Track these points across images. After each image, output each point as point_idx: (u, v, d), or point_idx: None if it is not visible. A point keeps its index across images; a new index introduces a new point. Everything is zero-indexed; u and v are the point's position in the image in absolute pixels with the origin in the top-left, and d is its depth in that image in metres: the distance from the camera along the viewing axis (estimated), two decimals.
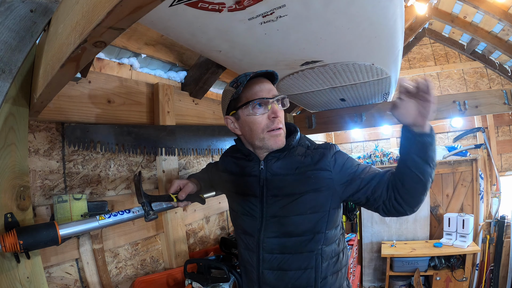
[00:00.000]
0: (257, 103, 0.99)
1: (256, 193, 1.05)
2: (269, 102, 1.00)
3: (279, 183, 1.02)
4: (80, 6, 0.56)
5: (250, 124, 1.02)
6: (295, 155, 1.04)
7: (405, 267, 3.23)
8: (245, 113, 1.01)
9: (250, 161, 1.09)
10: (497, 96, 2.21)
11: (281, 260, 1.02)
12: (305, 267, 1.01)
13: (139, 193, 1.01)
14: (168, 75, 1.73)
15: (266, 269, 1.04)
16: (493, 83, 3.95)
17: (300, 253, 1.01)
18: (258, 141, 1.03)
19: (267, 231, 1.03)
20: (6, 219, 0.82)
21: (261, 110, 1.00)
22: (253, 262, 1.08)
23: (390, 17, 1.12)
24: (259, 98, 0.99)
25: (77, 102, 1.22)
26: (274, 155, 1.04)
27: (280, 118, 1.01)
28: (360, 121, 2.49)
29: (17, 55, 0.83)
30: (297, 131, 1.09)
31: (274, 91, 1.03)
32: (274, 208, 1.02)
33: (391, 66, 1.61)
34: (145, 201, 1.00)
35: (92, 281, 1.20)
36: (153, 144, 1.46)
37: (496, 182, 3.60)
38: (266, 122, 1.00)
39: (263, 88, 1.01)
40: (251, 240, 1.07)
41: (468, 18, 3.25)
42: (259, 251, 1.04)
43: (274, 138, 1.01)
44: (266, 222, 1.03)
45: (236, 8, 0.94)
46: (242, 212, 1.09)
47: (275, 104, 1.00)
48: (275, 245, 1.02)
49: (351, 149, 4.51)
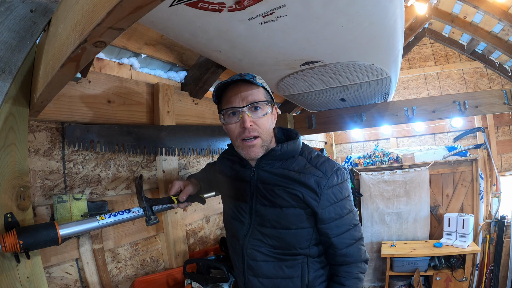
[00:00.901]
0: (229, 112, 0.98)
1: (246, 199, 1.04)
2: (238, 111, 0.96)
3: (267, 193, 0.99)
4: (80, 6, 0.56)
5: (228, 131, 1.01)
6: (290, 168, 0.99)
7: (405, 267, 3.23)
8: (223, 121, 1.01)
9: (244, 166, 1.06)
10: (497, 96, 2.21)
11: (266, 268, 1.00)
12: (291, 276, 0.99)
13: (140, 197, 1.00)
14: (168, 75, 1.73)
15: (251, 276, 1.03)
16: (493, 83, 3.95)
17: (285, 261, 0.99)
18: (236, 148, 1.02)
19: (252, 238, 1.02)
20: (6, 219, 0.82)
21: (234, 119, 0.97)
22: (239, 267, 1.07)
23: (390, 17, 1.12)
24: (228, 108, 0.97)
25: (77, 102, 1.22)
26: (266, 161, 1.01)
27: (252, 127, 0.95)
28: (360, 121, 2.49)
29: (17, 55, 0.83)
30: (297, 139, 1.04)
31: (250, 97, 0.96)
32: (261, 217, 1.00)
33: (391, 66, 1.60)
34: (146, 206, 1.00)
35: (92, 281, 1.20)
36: (153, 144, 1.46)
37: (496, 182, 3.60)
38: (239, 131, 0.97)
39: (237, 96, 0.96)
40: (237, 245, 1.06)
41: (468, 18, 3.25)
42: (244, 257, 1.03)
43: (246, 148, 0.98)
44: (253, 229, 1.02)
45: (236, 8, 0.94)
46: (232, 216, 1.09)
47: (246, 113, 0.95)
48: (258, 252, 1.01)
49: (351, 149, 4.51)
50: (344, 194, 1.00)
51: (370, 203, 3.69)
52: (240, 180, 1.07)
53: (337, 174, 0.98)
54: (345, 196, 1.00)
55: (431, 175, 3.57)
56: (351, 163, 3.97)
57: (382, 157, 3.82)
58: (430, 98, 2.51)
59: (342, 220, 0.98)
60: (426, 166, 3.54)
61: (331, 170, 0.97)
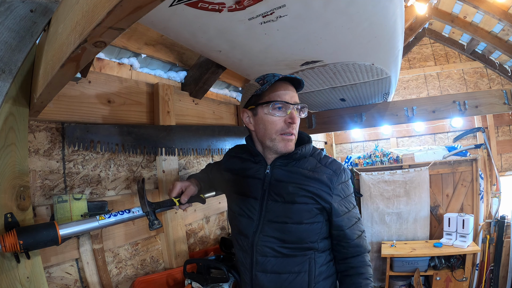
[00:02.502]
0: (278, 105, 1.02)
1: (258, 196, 1.06)
2: (289, 107, 1.03)
3: (281, 190, 1.04)
4: (80, 6, 0.56)
5: (266, 122, 1.04)
6: (303, 167, 1.06)
7: (405, 267, 3.23)
8: (264, 111, 1.04)
9: (257, 163, 1.11)
10: (497, 96, 2.21)
11: (275, 264, 1.03)
12: (299, 271, 1.02)
13: (143, 202, 1.00)
14: (168, 75, 1.73)
15: (259, 272, 1.05)
16: (493, 83, 3.95)
17: (294, 257, 1.02)
18: (269, 141, 1.05)
19: (262, 234, 1.04)
20: (6, 219, 0.82)
21: (280, 113, 1.03)
22: (246, 264, 1.08)
23: (390, 17, 1.12)
24: (281, 101, 1.02)
25: (77, 102, 1.22)
26: (282, 161, 1.07)
27: (295, 125, 1.04)
28: (360, 121, 2.49)
29: (17, 55, 0.83)
30: (310, 142, 1.11)
31: (296, 98, 1.05)
32: (273, 213, 1.03)
33: (391, 66, 1.61)
34: (149, 211, 1.00)
35: (92, 281, 1.20)
36: (153, 144, 1.46)
37: (496, 182, 3.59)
38: (282, 125, 1.03)
39: (287, 93, 1.03)
40: (245, 241, 1.08)
41: (468, 18, 3.25)
42: (253, 253, 1.05)
43: (284, 142, 1.04)
44: (263, 225, 1.04)
45: (236, 8, 0.94)
46: (240, 212, 1.10)
47: (295, 110, 1.03)
48: (269, 248, 1.03)
49: (351, 149, 4.51)
50: (350, 190, 1.09)
51: (370, 203, 3.69)
52: (251, 177, 1.10)
53: (344, 172, 1.08)
54: (351, 192, 1.09)
55: (431, 175, 3.57)
56: (351, 163, 3.97)
57: (382, 157, 3.82)
58: (430, 98, 2.52)
59: (350, 213, 1.06)
60: (426, 166, 3.54)
61: (339, 168, 1.07)
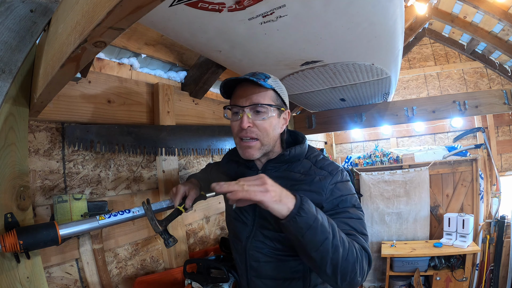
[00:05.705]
0: (234, 110, 0.99)
1: None
2: (239, 110, 0.96)
3: None
4: (80, 6, 0.56)
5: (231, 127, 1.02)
6: (295, 171, 1.00)
7: (405, 267, 3.23)
8: (226, 116, 1.02)
9: (250, 169, 1.07)
10: (497, 96, 2.22)
11: (268, 269, 1.01)
12: (293, 277, 0.99)
13: (154, 223, 0.99)
14: (168, 75, 1.73)
15: (254, 277, 1.03)
16: (493, 83, 3.96)
17: (287, 262, 1.00)
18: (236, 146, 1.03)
19: (254, 240, 1.02)
20: (6, 219, 0.82)
21: (235, 117, 0.98)
22: (242, 268, 1.07)
23: (390, 17, 1.12)
24: (231, 105, 0.99)
25: (77, 102, 1.22)
26: (273, 165, 1.02)
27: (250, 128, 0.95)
28: (360, 121, 2.49)
29: (17, 55, 0.83)
30: (303, 143, 1.05)
31: (255, 98, 0.95)
32: (265, 219, 1.00)
33: (391, 66, 1.61)
34: (162, 230, 0.99)
35: (92, 281, 1.20)
36: (153, 144, 1.46)
37: (496, 182, 3.60)
38: (238, 129, 0.97)
39: (242, 95, 0.96)
40: (240, 245, 1.07)
41: (468, 18, 3.25)
42: (246, 258, 1.04)
43: (242, 149, 0.99)
44: (256, 231, 1.02)
45: (236, 8, 0.94)
46: (235, 217, 1.09)
47: (246, 113, 0.95)
48: (261, 254, 1.01)
49: (351, 149, 4.51)
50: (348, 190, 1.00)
51: (370, 203, 3.69)
52: None
53: (341, 173, 1.01)
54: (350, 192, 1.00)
55: (431, 175, 3.57)
56: (351, 163, 3.97)
57: (382, 157, 3.82)
58: (430, 98, 2.52)
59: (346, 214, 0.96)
60: (426, 166, 3.54)
61: (336, 169, 1.00)
